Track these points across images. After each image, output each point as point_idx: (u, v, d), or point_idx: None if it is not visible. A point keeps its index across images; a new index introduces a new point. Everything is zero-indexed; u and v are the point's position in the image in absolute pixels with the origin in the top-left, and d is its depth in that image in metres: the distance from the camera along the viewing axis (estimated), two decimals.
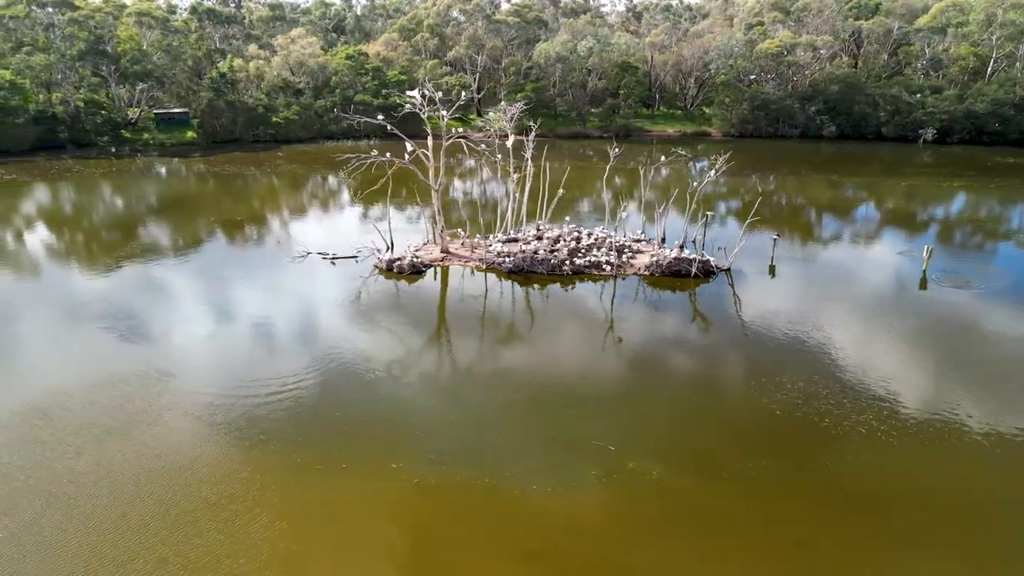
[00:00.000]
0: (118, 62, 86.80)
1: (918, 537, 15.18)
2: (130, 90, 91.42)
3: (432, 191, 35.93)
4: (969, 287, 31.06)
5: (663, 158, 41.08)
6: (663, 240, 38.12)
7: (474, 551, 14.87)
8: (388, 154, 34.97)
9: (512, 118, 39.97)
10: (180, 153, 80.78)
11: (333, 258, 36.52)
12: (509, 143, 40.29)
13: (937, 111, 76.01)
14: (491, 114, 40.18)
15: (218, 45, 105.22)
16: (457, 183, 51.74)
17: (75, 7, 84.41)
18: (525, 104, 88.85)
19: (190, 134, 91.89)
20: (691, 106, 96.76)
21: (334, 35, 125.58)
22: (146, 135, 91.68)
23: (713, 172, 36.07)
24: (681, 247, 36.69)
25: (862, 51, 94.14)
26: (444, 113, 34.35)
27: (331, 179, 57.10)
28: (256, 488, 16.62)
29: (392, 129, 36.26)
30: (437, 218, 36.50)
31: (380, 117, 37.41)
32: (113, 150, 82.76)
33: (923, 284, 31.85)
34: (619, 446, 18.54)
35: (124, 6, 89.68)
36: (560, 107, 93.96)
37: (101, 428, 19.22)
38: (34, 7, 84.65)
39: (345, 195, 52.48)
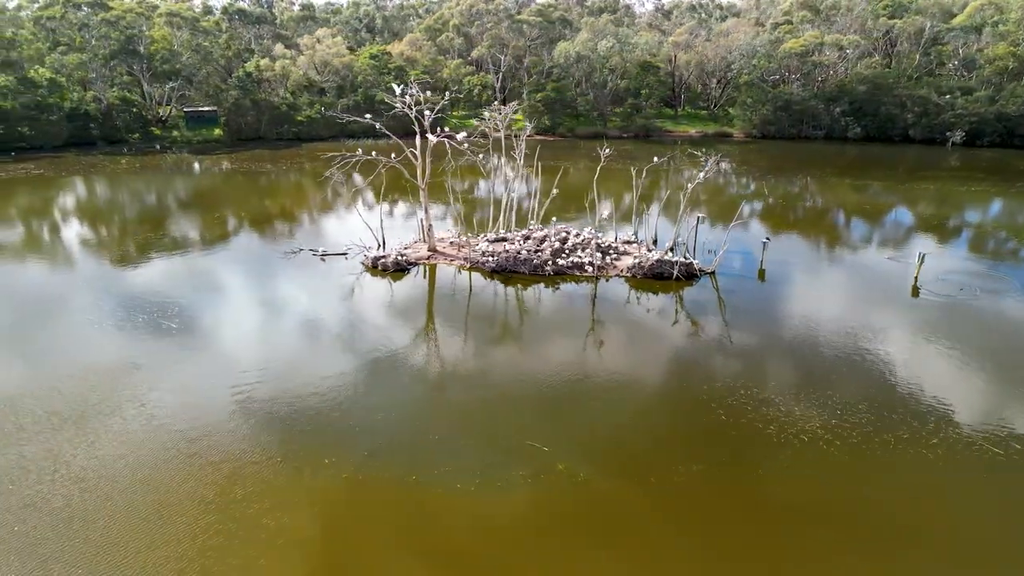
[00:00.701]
0: (149, 61, 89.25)
1: (836, 551, 14.82)
2: (161, 88, 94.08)
3: (420, 190, 36.20)
4: (961, 295, 30.08)
5: (655, 159, 40.44)
6: (655, 242, 37.87)
7: (384, 548, 14.98)
8: (373, 152, 35.35)
9: (506, 118, 39.89)
10: (205, 150, 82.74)
11: (323, 255, 37.11)
12: (501, 142, 40.29)
13: (967, 113, 73.70)
14: (486, 114, 40.05)
15: (249, 45, 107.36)
16: (456, 183, 51.86)
17: (108, 8, 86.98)
18: (544, 104, 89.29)
19: (217, 132, 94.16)
20: (715, 107, 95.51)
21: (368, 35, 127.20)
22: (175, 132, 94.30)
23: (703, 174, 35.59)
24: (671, 249, 36.43)
25: (894, 51, 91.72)
26: (428, 113, 34.52)
27: (337, 176, 57.72)
28: (190, 480, 17.06)
29: (381, 128, 36.58)
30: (424, 216, 36.77)
31: (368, 116, 37.64)
32: (124, 148, 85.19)
33: (915, 291, 30.97)
34: (556, 448, 18.47)
35: (156, 7, 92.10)
36: (581, 107, 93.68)
37: (61, 417, 19.88)
38: (70, 8, 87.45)
39: (352, 192, 53.23)
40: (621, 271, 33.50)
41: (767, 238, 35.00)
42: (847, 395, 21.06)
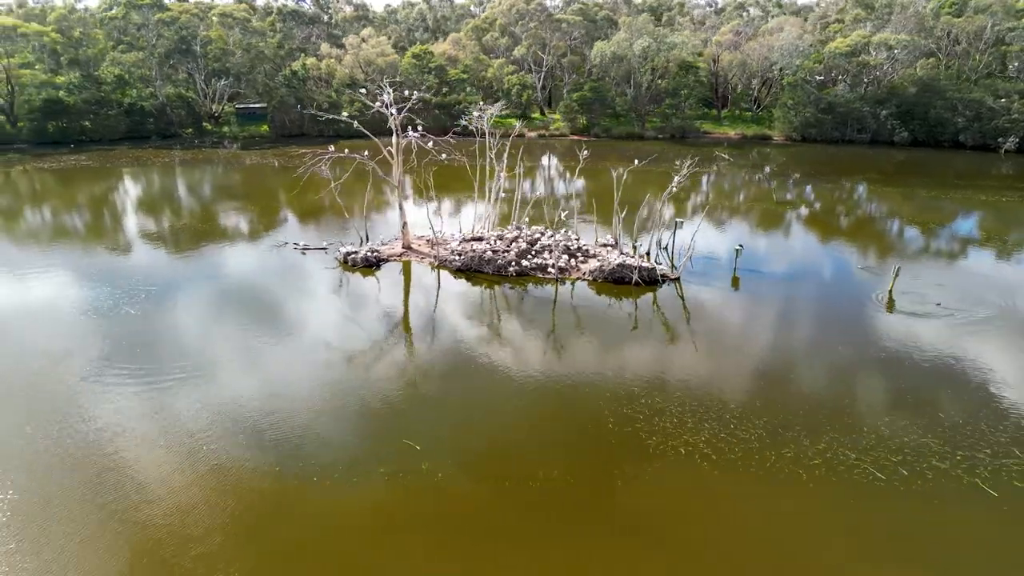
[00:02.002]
0: (202, 60, 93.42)
1: (678, 568, 14.38)
2: (214, 86, 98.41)
3: (397, 188, 36.74)
4: (936, 313, 28.34)
5: (636, 161, 39.76)
6: (635, 246, 37.30)
7: (226, 539, 15.23)
8: (346, 150, 36.15)
9: (491, 119, 39.96)
10: (250, 145, 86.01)
11: (304, 248, 38.21)
12: (491, 142, 40.34)
13: (1022, 118, 69.04)
14: (475, 114, 40.27)
15: (301, 45, 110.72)
16: (452, 182, 52.15)
17: (166, 8, 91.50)
18: (581, 104, 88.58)
19: (264, 128, 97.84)
20: (758, 108, 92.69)
21: (426, 35, 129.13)
22: (225, 128, 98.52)
23: (678, 177, 34.76)
24: (647, 254, 35.86)
25: (955, 51, 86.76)
26: (393, 111, 35.03)
27: (324, 172, 59.02)
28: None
29: (358, 127, 37.34)
30: (400, 214, 37.31)
31: (345, 114, 38.43)
32: (176, 143, 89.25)
33: (890, 306, 29.42)
34: (430, 447, 18.54)
35: (211, 7, 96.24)
36: (619, 107, 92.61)
37: None
38: (132, 9, 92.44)
39: (335, 188, 54.40)
40: (583, 274, 33.14)
41: (740, 245, 33.87)
42: (749, 409, 20.29)
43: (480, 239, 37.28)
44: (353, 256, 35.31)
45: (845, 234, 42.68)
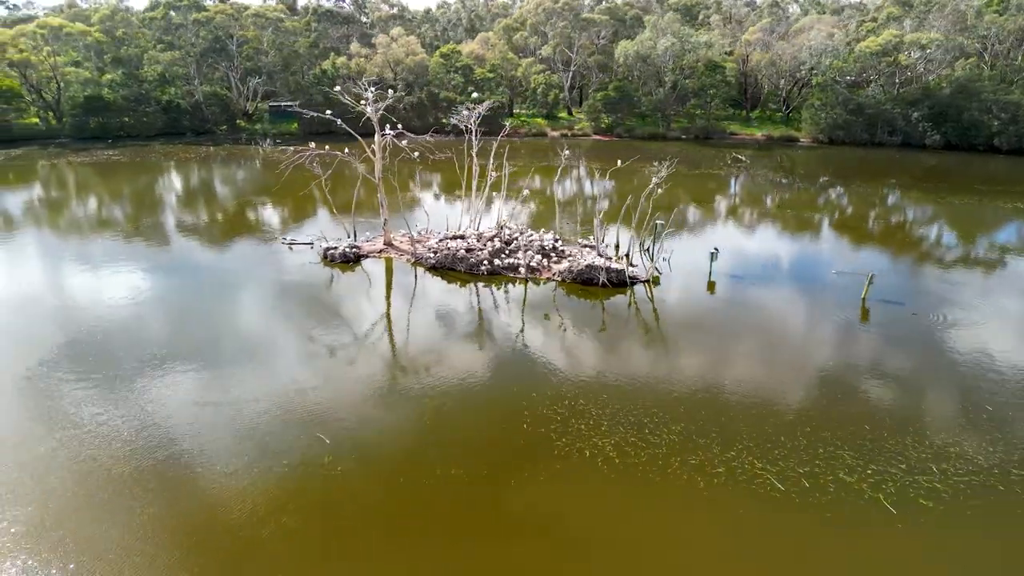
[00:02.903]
0: (236, 59, 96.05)
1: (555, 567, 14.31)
2: (247, 84, 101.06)
3: (377, 185, 37.22)
4: (904, 323, 27.36)
5: (619, 162, 39.33)
6: (616, 247, 37.08)
7: (107, 523, 15.69)
8: (327, 146, 36.80)
9: (477, 119, 40.06)
10: (282, 143, 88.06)
11: (291, 243, 39.07)
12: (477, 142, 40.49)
13: None
14: (464, 112, 40.48)
15: (335, 44, 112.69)
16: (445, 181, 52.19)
17: (204, 9, 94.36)
18: (605, 104, 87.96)
19: (294, 126, 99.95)
20: (787, 109, 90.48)
21: (461, 33, 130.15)
22: (258, 125, 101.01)
23: (655, 179, 34.31)
24: (627, 255, 35.53)
25: (999, 50, 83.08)
26: (370, 110, 35.49)
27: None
28: None
29: (341, 124, 37.94)
30: (382, 211, 37.79)
31: (329, 112, 39.14)
32: (209, 139, 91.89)
33: (864, 316, 28.46)
34: (340, 441, 18.76)
35: (246, 8, 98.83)
36: (645, 107, 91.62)
37: None
38: (171, 11, 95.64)
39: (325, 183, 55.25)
40: (553, 274, 33.02)
41: (715, 248, 33.22)
42: (671, 415, 19.95)
43: (461, 237, 37.47)
44: (332, 252, 35.94)
45: (844, 239, 41.42)
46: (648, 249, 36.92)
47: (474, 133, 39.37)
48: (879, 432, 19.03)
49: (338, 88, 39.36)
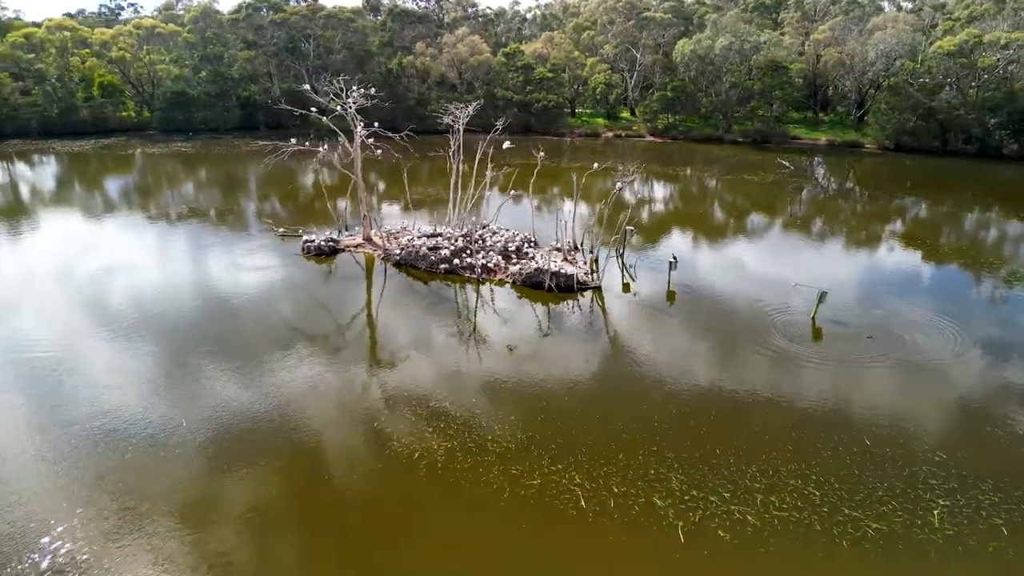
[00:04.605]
0: (309, 58, 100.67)
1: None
2: (321, 82, 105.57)
3: (356, 181, 38.33)
4: (867, 342, 25.44)
5: (595, 165, 38.47)
6: (576, 248, 36.57)
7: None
8: (307, 143, 38.21)
9: (466, 119, 40.37)
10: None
11: (282, 234, 40.93)
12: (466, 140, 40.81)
13: None
14: (456, 112, 40.98)
15: (407, 43, 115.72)
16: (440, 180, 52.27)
17: (282, 9, 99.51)
18: (662, 104, 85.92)
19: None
20: (859, 112, 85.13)
21: (536, 31, 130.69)
22: (326, 121, 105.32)
23: (620, 183, 33.54)
24: (595, 260, 35.08)
25: None
26: (350, 108, 36.60)
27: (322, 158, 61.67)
28: None
29: (327, 121, 39.24)
30: (361, 206, 38.87)
31: (313, 109, 40.54)
32: (274, 134, 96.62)
33: (817, 334, 26.79)
34: (200, 426, 19.68)
35: (320, 8, 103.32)
36: (704, 108, 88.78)
37: None
38: (254, 12, 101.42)
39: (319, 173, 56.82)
40: (505, 276, 32.96)
41: (673, 257, 32.02)
42: (503, 416, 19.74)
43: (438, 235, 37.97)
44: (309, 244, 37.38)
45: (818, 250, 38.92)
46: (622, 255, 36.18)
47: (460, 133, 39.68)
48: (726, 457, 18.04)
49: (307, 86, 40.62)
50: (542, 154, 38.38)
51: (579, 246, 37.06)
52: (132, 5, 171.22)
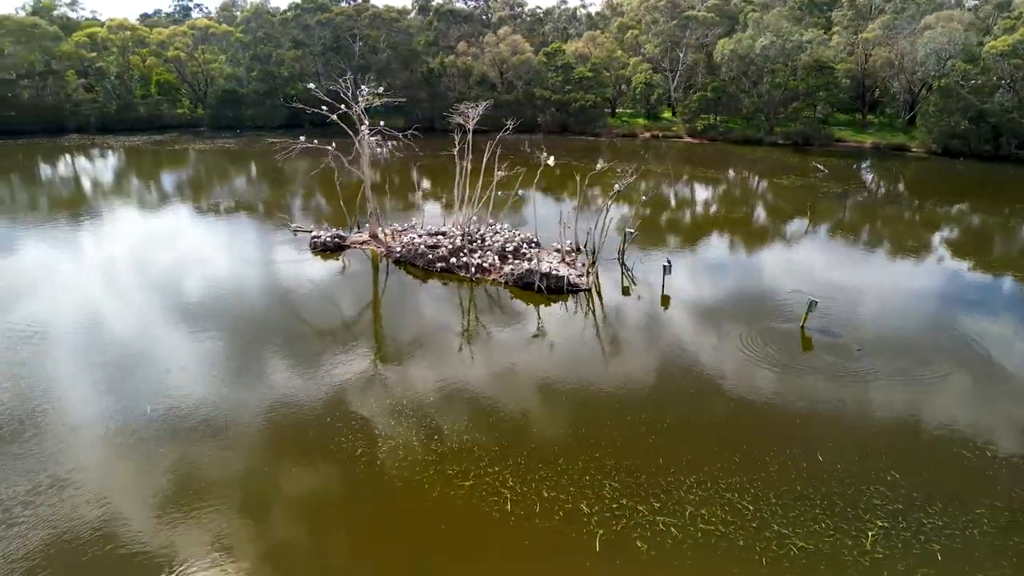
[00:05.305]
0: (355, 58, 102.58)
1: None
2: (365, 81, 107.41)
3: (364, 179, 38.95)
4: (849, 358, 24.48)
5: (598, 165, 38.02)
6: (578, 249, 36.38)
7: None
8: (315, 141, 38.99)
9: (474, 119, 40.50)
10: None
11: (295, 230, 41.94)
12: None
13: None
14: (466, 111, 41.18)
15: (452, 43, 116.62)
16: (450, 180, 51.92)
17: (328, 9, 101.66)
18: (701, 104, 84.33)
19: (402, 121, 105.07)
20: (908, 114, 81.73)
21: (583, 31, 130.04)
22: (371, 120, 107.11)
23: (618, 185, 33.13)
24: (593, 261, 34.80)
25: None
26: (357, 106, 37.18)
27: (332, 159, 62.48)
28: None
29: (333, 119, 39.89)
30: (368, 204, 39.47)
31: (324, 108, 41.23)
32: (299, 130, 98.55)
33: (807, 345, 25.99)
34: (158, 408, 20.39)
35: (366, 8, 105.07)
36: (746, 109, 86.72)
37: None
38: (304, 13, 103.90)
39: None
40: (499, 276, 32.99)
41: (668, 261, 31.44)
42: (452, 421, 19.79)
43: (443, 234, 38.28)
44: (316, 240, 38.22)
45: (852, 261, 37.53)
46: (622, 258, 35.80)
47: (470, 133, 39.88)
48: (668, 466, 17.71)
49: (312, 85, 41.53)
50: (545, 155, 38.17)
51: (582, 248, 36.75)
52: (198, 6, 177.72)
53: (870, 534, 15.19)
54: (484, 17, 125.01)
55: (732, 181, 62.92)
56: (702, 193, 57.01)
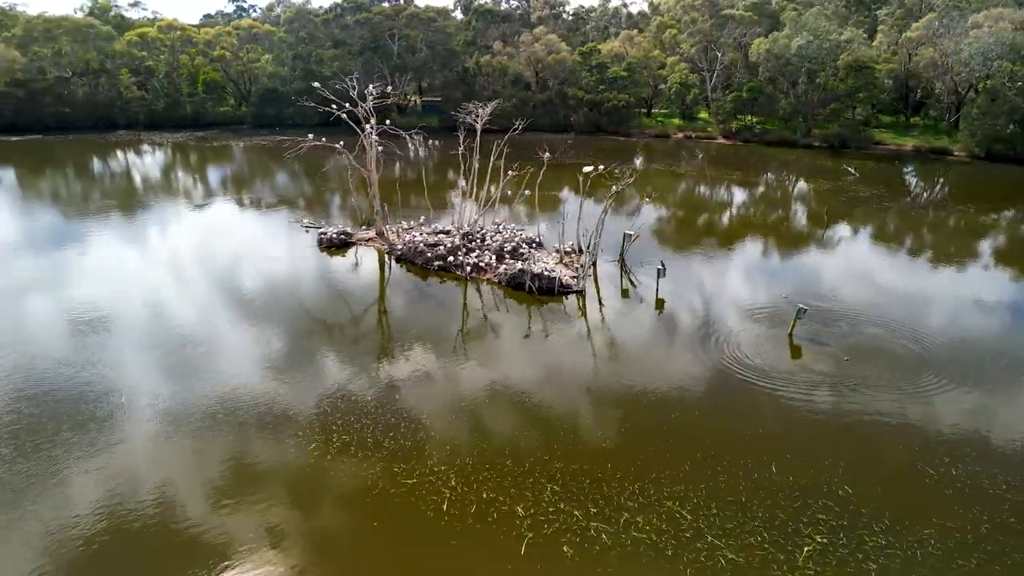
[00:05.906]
0: (392, 58, 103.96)
1: None
2: (402, 80, 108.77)
3: (371, 178, 39.46)
4: (833, 367, 23.79)
5: (600, 167, 37.56)
6: (578, 249, 36.12)
7: None
8: (323, 139, 39.67)
9: (482, 119, 40.58)
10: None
11: (306, 226, 42.82)
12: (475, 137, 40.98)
13: None
14: (477, 111, 41.36)
15: (489, 42, 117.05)
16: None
17: (367, 9, 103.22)
18: (736, 105, 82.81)
19: (436, 120, 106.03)
20: (953, 116, 78.62)
21: (622, 31, 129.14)
22: (402, 120, 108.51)
23: (615, 186, 32.82)
24: (592, 263, 34.62)
25: None
26: (364, 105, 37.71)
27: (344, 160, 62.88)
28: None
29: (340, 115, 40.35)
30: (374, 202, 39.99)
31: (334, 107, 41.71)
32: (335, 129, 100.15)
33: (796, 352, 25.35)
34: (134, 397, 21.20)
35: (404, 8, 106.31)
36: (783, 109, 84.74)
37: None
38: (345, 13, 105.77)
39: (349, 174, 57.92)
40: (492, 276, 33.04)
41: (661, 264, 30.98)
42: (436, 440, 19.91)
43: (447, 233, 38.56)
44: (323, 236, 38.96)
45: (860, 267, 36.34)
46: (622, 260, 35.49)
47: (477, 133, 40.02)
48: (615, 472, 17.50)
49: (317, 84, 42.34)
50: (546, 155, 38.04)
51: (584, 249, 36.49)
52: (253, 7, 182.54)
53: (805, 549, 14.74)
54: (524, 17, 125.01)
55: (756, 184, 61.55)
56: (720, 196, 55.99)
